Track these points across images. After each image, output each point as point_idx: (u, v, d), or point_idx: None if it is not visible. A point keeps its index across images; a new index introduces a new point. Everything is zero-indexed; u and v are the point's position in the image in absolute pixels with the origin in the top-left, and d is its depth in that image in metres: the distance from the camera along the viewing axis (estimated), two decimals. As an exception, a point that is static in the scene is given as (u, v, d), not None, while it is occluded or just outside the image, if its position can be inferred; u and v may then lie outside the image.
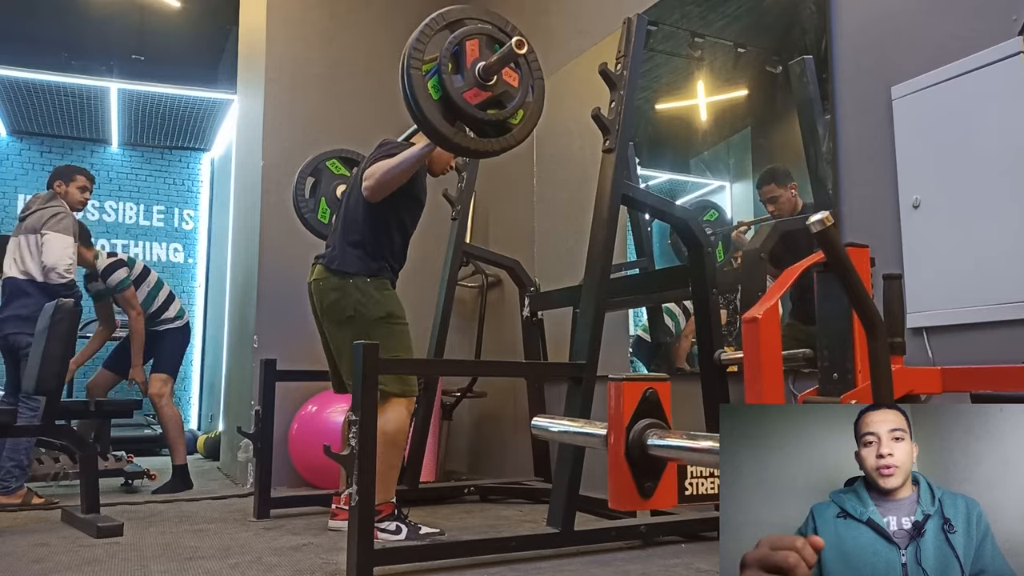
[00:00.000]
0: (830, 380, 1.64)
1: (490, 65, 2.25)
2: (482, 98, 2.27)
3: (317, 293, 2.82)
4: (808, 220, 1.28)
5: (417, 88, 2.19)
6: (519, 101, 2.32)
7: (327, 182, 3.43)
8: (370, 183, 2.70)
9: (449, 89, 2.21)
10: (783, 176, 2.89)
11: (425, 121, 2.23)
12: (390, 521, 2.61)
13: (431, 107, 2.22)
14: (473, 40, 2.27)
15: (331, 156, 3.47)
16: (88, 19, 6.32)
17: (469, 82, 2.25)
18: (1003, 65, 2.16)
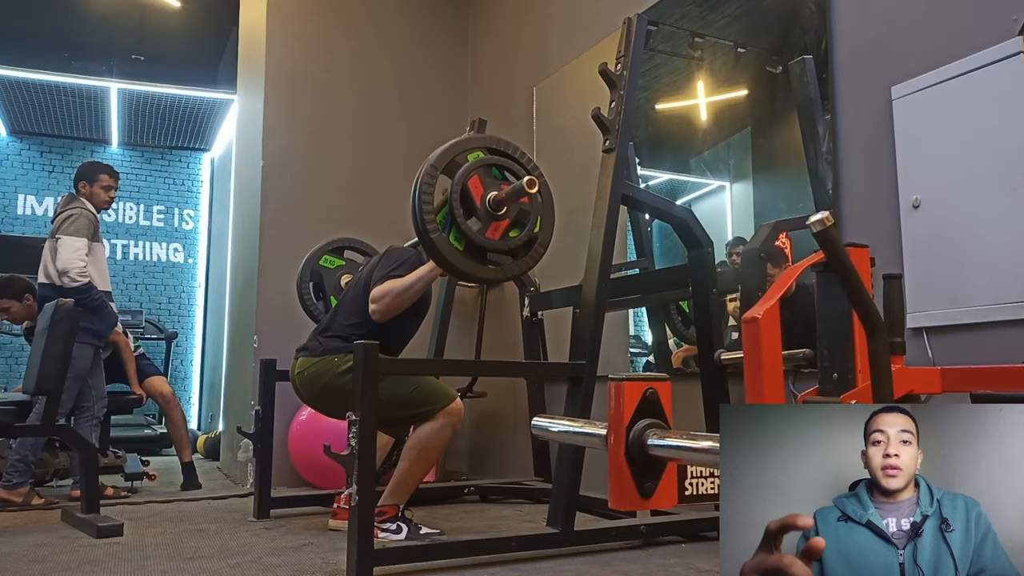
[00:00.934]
0: (830, 380, 1.64)
1: (501, 199, 2.28)
2: (502, 228, 2.31)
3: (303, 385, 2.79)
4: (808, 220, 1.29)
5: (442, 248, 2.22)
6: (535, 213, 2.36)
7: (329, 279, 3.44)
8: (378, 307, 2.65)
9: (470, 235, 2.25)
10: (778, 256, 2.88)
11: (461, 273, 2.29)
12: (392, 521, 2.61)
13: (460, 258, 2.25)
14: (472, 177, 2.28)
15: (321, 253, 3.47)
16: (88, 19, 6.32)
17: (485, 220, 2.28)
18: (1003, 65, 2.16)
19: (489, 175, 2.33)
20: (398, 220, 4.75)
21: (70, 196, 3.92)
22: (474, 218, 2.27)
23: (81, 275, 3.67)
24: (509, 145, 2.41)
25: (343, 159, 4.70)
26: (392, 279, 2.67)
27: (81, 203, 3.87)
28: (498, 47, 4.93)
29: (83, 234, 3.74)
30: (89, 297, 3.70)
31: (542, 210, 2.39)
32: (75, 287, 3.65)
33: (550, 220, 2.42)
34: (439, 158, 2.30)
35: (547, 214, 2.41)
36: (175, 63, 7.08)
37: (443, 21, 5.17)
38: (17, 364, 7.43)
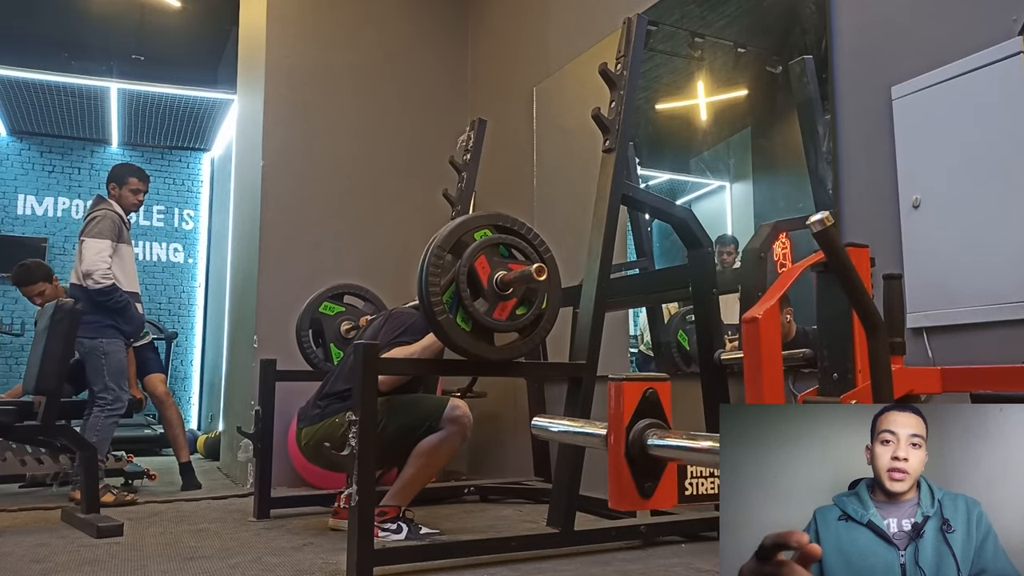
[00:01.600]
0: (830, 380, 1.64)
1: (508, 281, 2.27)
2: (509, 308, 2.30)
3: (312, 453, 2.77)
4: (808, 220, 1.29)
5: (450, 330, 2.21)
6: (542, 291, 2.36)
7: (328, 326, 3.45)
8: (384, 378, 2.62)
9: (477, 317, 2.24)
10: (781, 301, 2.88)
11: (468, 354, 2.27)
12: (392, 521, 2.61)
13: (468, 339, 2.25)
14: (479, 258, 2.27)
15: (320, 300, 3.47)
16: (88, 19, 6.32)
17: (491, 300, 2.27)
18: (1003, 65, 2.16)
19: (496, 254, 2.32)
20: (399, 218, 4.76)
21: (99, 198, 3.96)
22: (481, 299, 2.26)
23: (104, 277, 3.68)
24: (516, 222, 2.39)
25: (343, 159, 4.70)
26: (397, 347, 2.69)
27: (109, 204, 3.90)
28: (498, 47, 4.93)
29: (106, 236, 3.75)
30: (113, 299, 3.72)
31: (549, 287, 2.37)
32: (99, 288, 3.67)
33: (557, 296, 2.41)
34: (446, 239, 2.27)
35: (553, 290, 2.39)
36: (175, 63, 7.08)
37: (443, 21, 5.17)
38: (17, 364, 7.44)
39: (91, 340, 3.70)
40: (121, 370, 3.79)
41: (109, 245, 3.75)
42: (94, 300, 3.69)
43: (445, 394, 4.32)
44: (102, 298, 3.69)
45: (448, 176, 3.90)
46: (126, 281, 3.83)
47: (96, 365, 3.71)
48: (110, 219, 3.80)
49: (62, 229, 7.79)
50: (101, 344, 3.72)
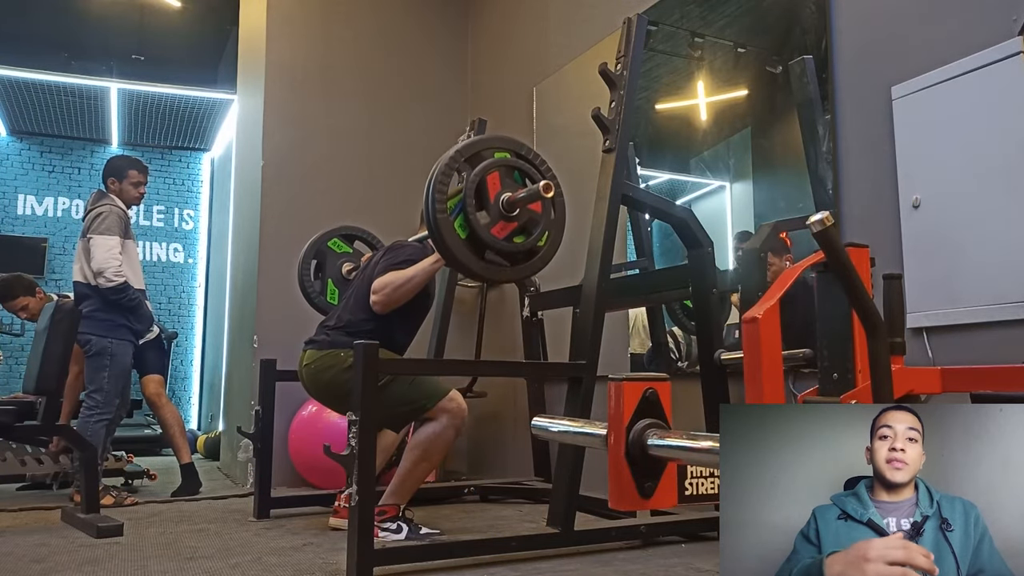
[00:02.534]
0: (830, 380, 1.64)
1: (515, 201, 2.28)
2: (508, 230, 2.31)
3: (310, 377, 2.80)
4: (808, 220, 1.29)
5: (444, 230, 2.22)
6: (544, 226, 2.36)
7: (332, 262, 3.43)
8: (379, 298, 2.68)
9: (476, 227, 2.24)
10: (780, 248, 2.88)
11: (456, 262, 2.27)
12: (392, 521, 2.61)
13: (460, 246, 2.25)
14: (494, 173, 2.29)
15: (331, 236, 3.46)
16: (88, 19, 6.32)
17: (494, 216, 2.28)
18: (1003, 65, 2.16)
19: (510, 177, 2.33)
20: (399, 218, 4.75)
21: (99, 193, 3.86)
22: (484, 212, 2.27)
23: (117, 275, 3.63)
24: (537, 156, 2.41)
25: (343, 159, 4.70)
26: (394, 271, 2.70)
27: (111, 200, 3.81)
28: (498, 47, 4.93)
29: (114, 232, 3.69)
30: (126, 296, 3.67)
31: (551, 224, 2.38)
32: (111, 287, 3.62)
33: (557, 237, 2.42)
34: (467, 147, 2.30)
35: (556, 230, 2.40)
36: (175, 63, 7.07)
37: (443, 21, 5.17)
38: (17, 364, 7.43)
39: (101, 339, 3.64)
40: (123, 374, 3.75)
41: (118, 242, 3.69)
42: (107, 298, 3.65)
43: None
44: (115, 296, 3.64)
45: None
46: (134, 278, 3.77)
47: (99, 364, 3.66)
48: (116, 215, 3.74)
49: (62, 229, 7.79)
50: (111, 344, 3.67)
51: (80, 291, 3.72)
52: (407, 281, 2.67)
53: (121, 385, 3.75)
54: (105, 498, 3.42)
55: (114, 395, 3.69)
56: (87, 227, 3.74)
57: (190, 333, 8.31)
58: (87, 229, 3.73)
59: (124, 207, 3.84)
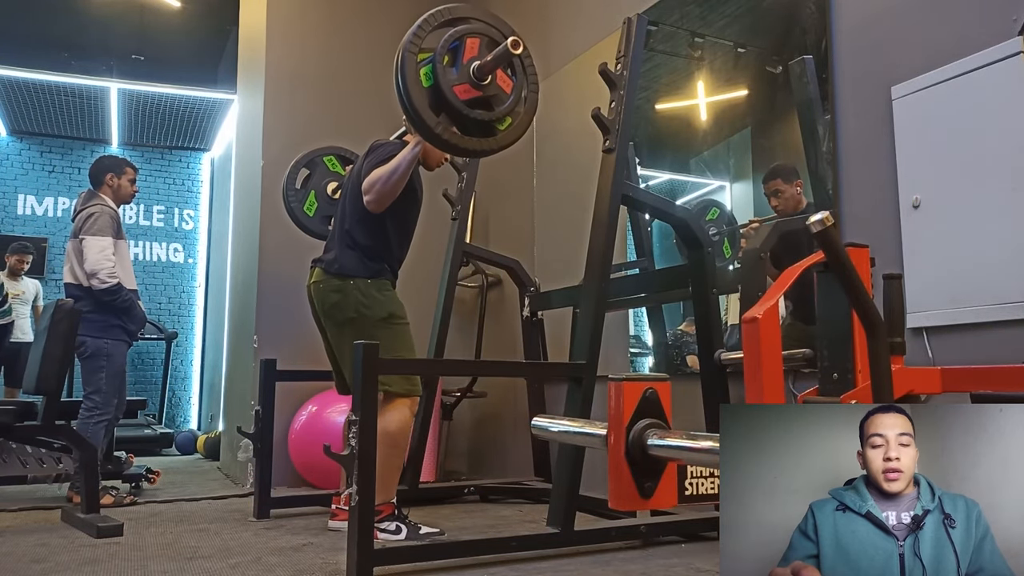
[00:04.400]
0: (830, 380, 1.64)
1: (485, 64, 2.24)
2: (472, 95, 2.25)
3: (317, 296, 2.82)
4: (808, 220, 1.29)
5: (409, 72, 2.17)
6: (508, 107, 2.31)
7: (320, 177, 3.42)
8: (371, 197, 2.70)
9: (440, 79, 2.19)
10: (789, 173, 2.89)
11: (411, 106, 2.20)
12: (390, 521, 2.61)
13: (419, 93, 2.19)
14: (474, 39, 2.26)
15: (329, 152, 3.46)
16: (88, 19, 6.32)
17: (462, 77, 2.23)
18: (1003, 65, 2.16)
19: (490, 51, 2.28)
20: (398, 220, 4.74)
21: (89, 193, 3.85)
22: (453, 70, 2.23)
23: (110, 276, 3.62)
24: (527, 52, 2.34)
25: (343, 159, 4.70)
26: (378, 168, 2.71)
27: (101, 199, 3.80)
28: (498, 47, 4.93)
29: (107, 233, 3.68)
30: (120, 297, 3.66)
31: (515, 114, 2.33)
32: (104, 288, 3.61)
33: (520, 128, 2.36)
34: (458, 8, 2.27)
35: (520, 121, 2.35)
36: (175, 63, 7.07)
37: (443, 21, 5.17)
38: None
39: (95, 340, 3.63)
40: (119, 374, 3.74)
41: (111, 243, 3.68)
42: (100, 300, 3.63)
43: (445, 394, 4.34)
44: (109, 297, 3.63)
45: (448, 176, 3.91)
46: (126, 278, 3.76)
47: (95, 366, 3.64)
48: (107, 215, 3.73)
49: (62, 229, 7.78)
50: (106, 345, 3.66)
51: (72, 293, 3.70)
52: (392, 172, 2.66)
53: (118, 385, 3.74)
54: (104, 498, 3.42)
55: (112, 395, 3.68)
56: (78, 228, 3.72)
57: (190, 333, 8.31)
58: (79, 230, 3.71)
59: (115, 207, 3.84)
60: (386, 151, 2.79)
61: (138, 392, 7.31)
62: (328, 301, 2.78)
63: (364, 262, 2.75)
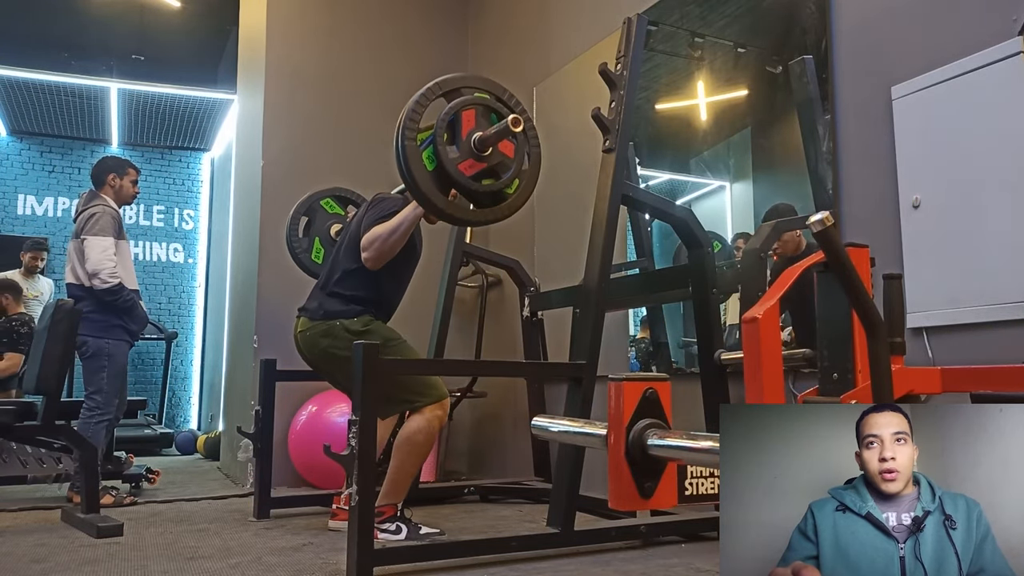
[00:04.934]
0: (830, 380, 1.64)
1: (486, 138, 2.25)
2: (477, 169, 2.27)
3: (305, 345, 2.82)
4: (808, 220, 1.29)
5: (411, 159, 2.18)
6: (514, 172, 2.32)
7: (321, 221, 3.42)
8: (369, 255, 2.68)
9: (444, 160, 2.21)
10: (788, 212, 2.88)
11: (419, 193, 2.23)
12: (391, 522, 2.61)
13: (425, 178, 2.21)
14: (469, 110, 2.26)
15: (325, 195, 3.45)
16: (88, 19, 6.32)
17: (464, 153, 2.24)
18: (1003, 65, 2.16)
19: (487, 118, 2.28)
20: (398, 220, 4.74)
21: (91, 194, 3.86)
22: (454, 147, 2.24)
23: (112, 276, 3.63)
24: (519, 104, 2.36)
25: (343, 159, 4.70)
26: (380, 224, 2.71)
27: (103, 200, 3.81)
28: (498, 47, 4.93)
29: (108, 233, 3.69)
30: (121, 298, 3.67)
31: (523, 174, 2.34)
32: (106, 288, 3.62)
33: (528, 187, 2.37)
34: (447, 81, 2.26)
35: (527, 180, 2.36)
36: (175, 63, 7.07)
37: (443, 21, 5.17)
38: (17, 364, 7.42)
39: (97, 340, 3.64)
40: (120, 373, 3.74)
41: (112, 243, 3.68)
42: (102, 300, 3.64)
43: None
44: (110, 297, 3.64)
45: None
46: (128, 278, 3.76)
47: (97, 366, 3.65)
48: (109, 215, 3.74)
49: (62, 229, 7.78)
50: (107, 345, 3.66)
51: (73, 293, 3.70)
52: (393, 231, 2.66)
53: (119, 385, 3.74)
54: (104, 498, 3.42)
55: (113, 395, 3.68)
56: (80, 228, 3.73)
57: (190, 333, 8.30)
58: (80, 230, 3.72)
59: (116, 207, 3.84)
60: (388, 207, 2.78)
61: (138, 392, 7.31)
62: (319, 347, 2.77)
63: (349, 305, 2.75)
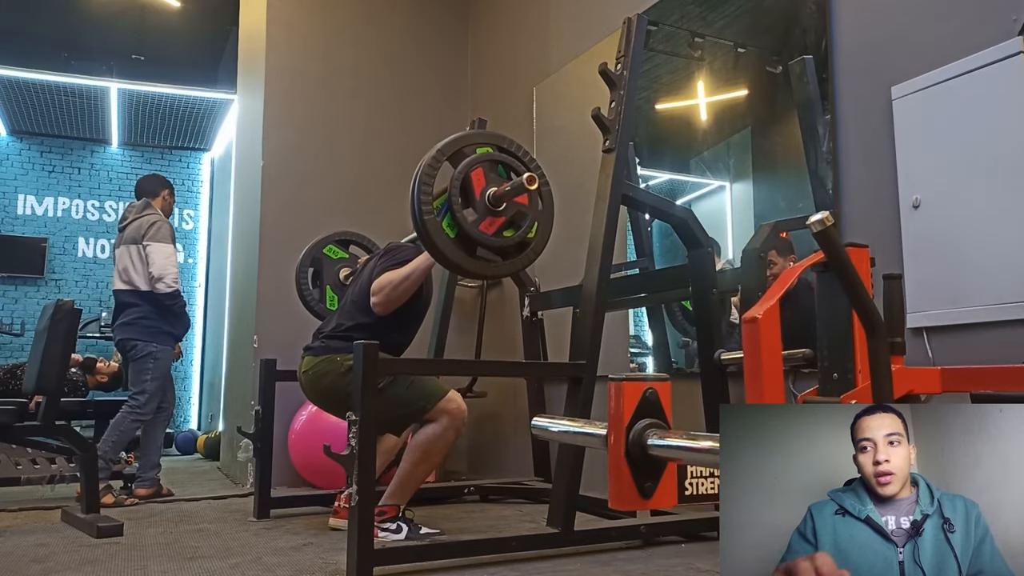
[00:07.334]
0: (830, 380, 1.64)
1: (501, 195, 2.28)
2: (497, 225, 2.30)
3: (309, 384, 2.82)
4: (808, 220, 1.29)
5: (433, 231, 2.21)
6: (532, 218, 2.36)
7: (328, 269, 3.43)
8: (379, 299, 2.70)
9: (464, 225, 2.24)
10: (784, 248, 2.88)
11: (448, 262, 2.27)
12: (392, 521, 2.61)
13: (449, 246, 2.25)
14: (477, 169, 2.29)
15: (326, 242, 3.46)
16: (88, 19, 6.32)
17: (481, 213, 2.28)
18: (1003, 65, 2.16)
19: (494, 171, 2.33)
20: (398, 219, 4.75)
21: (145, 203, 4.08)
22: (471, 209, 2.27)
23: (175, 281, 3.87)
24: (520, 148, 2.41)
25: (343, 159, 4.71)
26: (391, 271, 2.72)
27: (157, 211, 4.06)
28: (498, 47, 4.93)
29: (169, 241, 3.94)
30: (178, 303, 3.90)
31: (540, 216, 2.39)
32: (169, 292, 3.83)
33: (547, 227, 2.42)
34: (448, 145, 2.30)
35: (545, 220, 2.41)
36: (175, 63, 7.07)
37: (443, 21, 5.17)
38: (17, 364, 7.42)
39: (146, 344, 3.80)
40: (164, 375, 3.88)
41: (173, 250, 3.93)
42: (161, 304, 3.84)
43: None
44: (170, 301, 3.84)
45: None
46: None
47: (143, 367, 3.79)
48: (169, 226, 4.00)
49: (62, 229, 7.78)
50: (155, 349, 3.82)
51: (124, 299, 3.87)
52: (404, 279, 2.69)
53: (162, 387, 3.88)
54: (106, 497, 3.43)
55: (155, 396, 3.81)
56: (140, 234, 3.91)
57: (190, 333, 8.29)
58: (140, 236, 3.90)
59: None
60: (400, 256, 2.80)
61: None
62: (321, 384, 2.77)
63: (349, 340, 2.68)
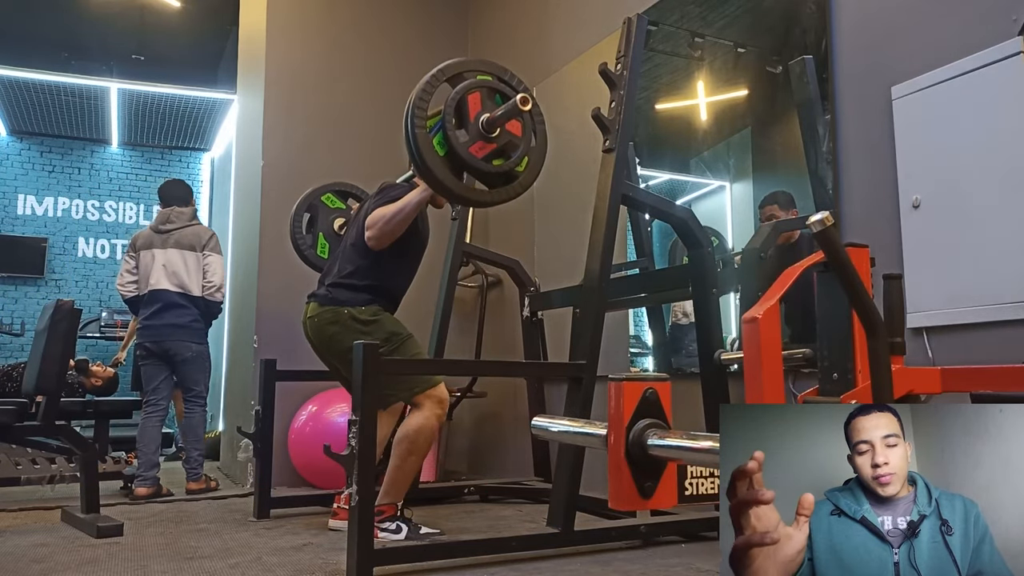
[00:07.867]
0: (830, 380, 1.64)
1: (494, 119, 2.28)
2: (487, 150, 2.30)
3: (313, 330, 2.84)
4: (808, 220, 1.29)
5: (423, 145, 2.22)
6: (523, 150, 2.36)
7: (324, 217, 3.42)
8: (373, 233, 2.72)
9: (454, 144, 2.24)
10: (786, 202, 2.89)
11: (433, 177, 2.27)
12: (391, 521, 2.61)
13: (438, 163, 2.25)
14: (474, 93, 2.29)
15: (325, 190, 3.45)
16: (88, 19, 6.32)
17: (473, 136, 2.28)
18: (1003, 65, 2.16)
19: (492, 99, 2.32)
20: (398, 220, 4.74)
21: (193, 212, 4.24)
22: (463, 131, 2.27)
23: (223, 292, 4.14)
24: (520, 82, 2.40)
25: (343, 159, 4.70)
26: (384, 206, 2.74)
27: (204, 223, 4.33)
28: (498, 47, 4.93)
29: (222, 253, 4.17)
30: (221, 310, 4.24)
31: (532, 151, 2.38)
32: (219, 301, 4.12)
33: (537, 163, 2.41)
34: (449, 67, 2.31)
35: (536, 156, 2.40)
36: (175, 63, 7.07)
37: (443, 21, 5.17)
38: (17, 364, 7.42)
39: (199, 345, 4.04)
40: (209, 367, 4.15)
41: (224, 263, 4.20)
42: (209, 309, 4.08)
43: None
44: (217, 310, 4.14)
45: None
46: None
47: (201, 367, 4.04)
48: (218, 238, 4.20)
49: (62, 229, 7.79)
50: (205, 349, 4.08)
51: (173, 300, 3.98)
52: (398, 212, 2.69)
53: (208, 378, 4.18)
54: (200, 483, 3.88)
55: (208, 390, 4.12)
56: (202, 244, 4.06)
57: (190, 333, 8.29)
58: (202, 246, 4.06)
59: None
60: (394, 193, 2.82)
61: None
62: (325, 333, 2.80)
63: (355, 292, 2.78)
